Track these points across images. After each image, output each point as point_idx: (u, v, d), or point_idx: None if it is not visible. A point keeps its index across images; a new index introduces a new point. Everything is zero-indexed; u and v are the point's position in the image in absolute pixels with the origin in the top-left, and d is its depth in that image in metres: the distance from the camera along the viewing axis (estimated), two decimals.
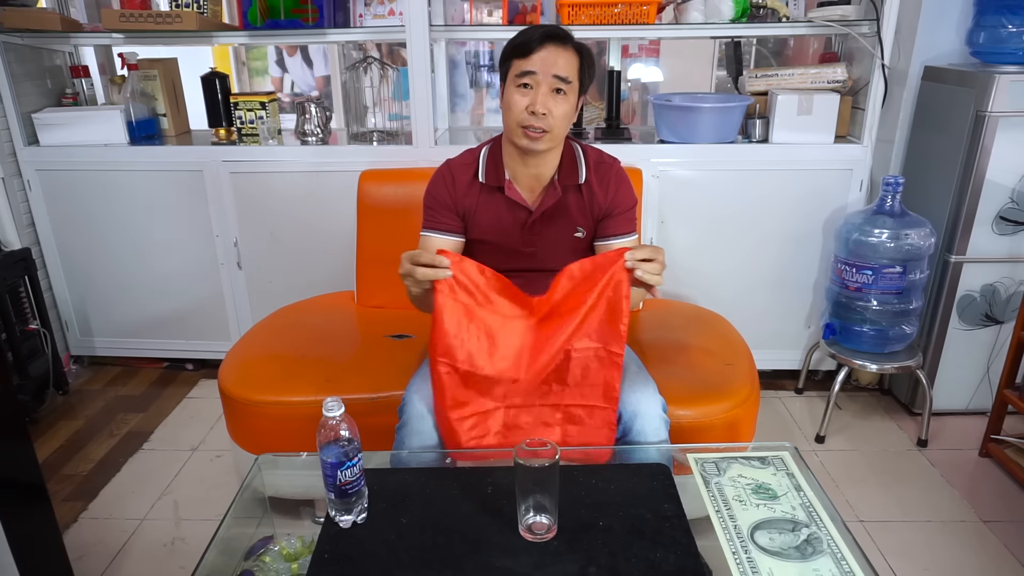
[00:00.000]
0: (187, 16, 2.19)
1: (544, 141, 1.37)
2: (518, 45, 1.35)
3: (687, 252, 2.32)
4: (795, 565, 1.03)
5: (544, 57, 1.32)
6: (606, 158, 1.51)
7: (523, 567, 1.02)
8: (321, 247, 2.39)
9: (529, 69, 1.33)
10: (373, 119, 2.41)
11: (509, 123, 1.38)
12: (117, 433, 2.26)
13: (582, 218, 1.48)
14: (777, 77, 2.28)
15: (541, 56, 1.32)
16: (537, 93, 1.33)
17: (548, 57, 1.32)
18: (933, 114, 2.14)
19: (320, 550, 1.06)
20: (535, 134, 1.35)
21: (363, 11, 2.32)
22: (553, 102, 1.34)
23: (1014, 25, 1.95)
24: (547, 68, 1.32)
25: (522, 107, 1.34)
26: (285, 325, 2.02)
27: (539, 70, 1.32)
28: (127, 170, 2.37)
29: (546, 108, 1.33)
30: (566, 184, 1.46)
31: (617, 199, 1.48)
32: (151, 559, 1.72)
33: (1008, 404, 2.00)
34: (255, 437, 1.70)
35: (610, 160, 1.51)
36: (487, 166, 1.47)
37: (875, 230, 2.04)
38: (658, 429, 1.36)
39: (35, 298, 2.39)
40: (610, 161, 1.51)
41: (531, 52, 1.33)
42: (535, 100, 1.33)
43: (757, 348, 1.86)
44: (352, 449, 1.06)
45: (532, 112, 1.33)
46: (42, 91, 2.47)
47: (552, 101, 1.34)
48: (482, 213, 1.48)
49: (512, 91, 1.36)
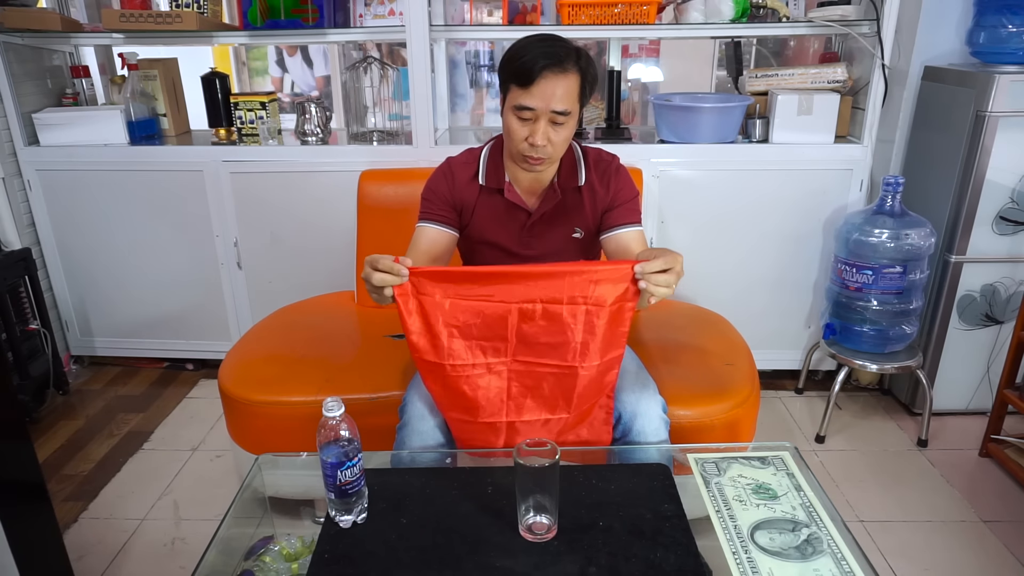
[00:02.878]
0: (187, 16, 2.19)
1: (544, 165, 1.38)
2: (517, 72, 1.29)
3: (687, 252, 2.25)
4: (795, 565, 1.03)
5: (543, 90, 1.28)
6: (604, 155, 1.51)
7: (523, 567, 1.02)
8: (321, 247, 2.39)
9: (528, 104, 1.29)
10: (373, 119, 2.41)
11: (510, 148, 1.38)
12: (117, 433, 2.26)
13: (581, 219, 1.49)
14: (777, 77, 2.28)
15: (540, 89, 1.28)
16: (537, 126, 1.31)
17: (547, 90, 1.28)
18: (933, 114, 2.14)
19: (320, 550, 1.06)
20: (535, 161, 1.35)
21: (363, 11, 2.32)
22: (553, 132, 1.32)
23: (1014, 25, 1.95)
24: (546, 103, 1.29)
25: (522, 137, 1.33)
26: (285, 325, 2.02)
27: (538, 106, 1.29)
28: (127, 170, 2.37)
29: (546, 139, 1.32)
30: (566, 187, 1.46)
31: (618, 191, 1.48)
32: (151, 559, 1.72)
33: (1008, 404, 2.00)
34: (255, 437, 1.70)
35: (608, 156, 1.51)
36: (487, 168, 1.47)
37: (875, 230, 2.04)
38: (658, 429, 1.36)
39: (35, 298, 2.39)
40: (608, 158, 1.51)
41: (531, 83, 1.28)
42: (535, 133, 1.31)
43: (757, 348, 1.86)
44: (352, 449, 1.06)
45: (532, 144, 1.32)
46: (42, 91, 2.47)
47: (552, 131, 1.32)
48: (481, 213, 1.48)
49: (511, 117, 1.33)
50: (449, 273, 1.21)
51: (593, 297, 1.19)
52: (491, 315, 1.22)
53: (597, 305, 1.19)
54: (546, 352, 1.23)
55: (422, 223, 1.49)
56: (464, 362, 1.25)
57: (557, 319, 1.20)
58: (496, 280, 1.21)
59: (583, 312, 1.20)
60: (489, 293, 1.21)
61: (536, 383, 1.27)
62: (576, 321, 1.20)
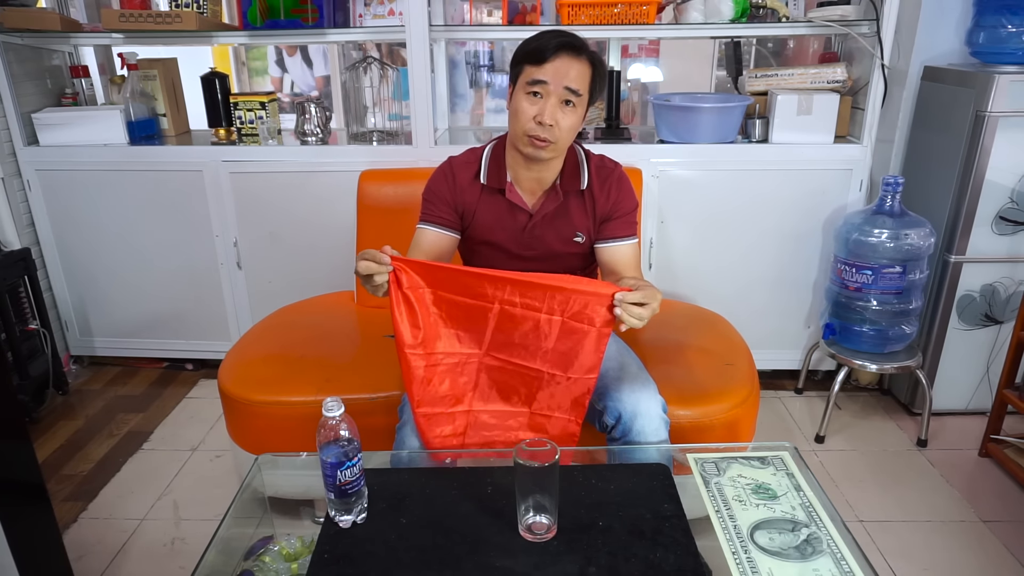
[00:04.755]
0: (187, 16, 2.19)
1: (549, 150, 1.37)
2: (532, 51, 1.33)
3: (687, 252, 2.33)
4: (795, 565, 1.03)
5: (557, 67, 1.31)
6: (607, 162, 1.51)
7: (523, 567, 1.02)
8: (321, 247, 2.39)
9: (541, 78, 1.31)
10: (373, 119, 2.41)
11: (515, 129, 1.38)
12: (117, 433, 2.26)
13: (583, 223, 1.48)
14: (777, 77, 2.28)
15: (554, 66, 1.31)
16: (546, 103, 1.32)
17: (561, 67, 1.31)
18: (933, 114, 2.14)
19: (320, 550, 1.06)
20: (540, 143, 1.35)
21: (363, 11, 2.32)
22: (561, 114, 1.33)
23: (1014, 25, 1.95)
24: (559, 79, 1.31)
25: (530, 116, 1.33)
26: (285, 325, 2.02)
27: (551, 80, 1.31)
28: (127, 170, 2.37)
29: (554, 119, 1.32)
30: (568, 189, 1.46)
31: (618, 202, 1.48)
32: (151, 559, 1.72)
33: (1008, 404, 2.00)
34: (255, 437, 1.70)
35: (611, 164, 1.51)
36: (489, 167, 1.47)
37: (875, 230, 2.04)
38: (658, 429, 1.36)
39: (35, 298, 2.39)
40: (611, 165, 1.51)
41: (545, 60, 1.31)
42: (543, 110, 1.32)
43: (757, 348, 1.86)
44: (352, 449, 1.06)
45: (539, 122, 1.32)
46: (42, 91, 2.47)
47: (560, 112, 1.33)
48: (482, 213, 1.48)
49: (521, 97, 1.35)
50: (431, 267, 1.25)
51: (571, 311, 1.23)
52: (473, 308, 1.26)
53: (574, 320, 1.23)
54: (518, 352, 1.29)
55: (423, 225, 1.49)
56: (442, 350, 1.29)
57: (534, 324, 1.25)
58: (480, 281, 1.24)
59: (559, 323, 1.24)
60: (471, 289, 1.25)
61: (504, 379, 1.32)
62: (551, 329, 1.25)
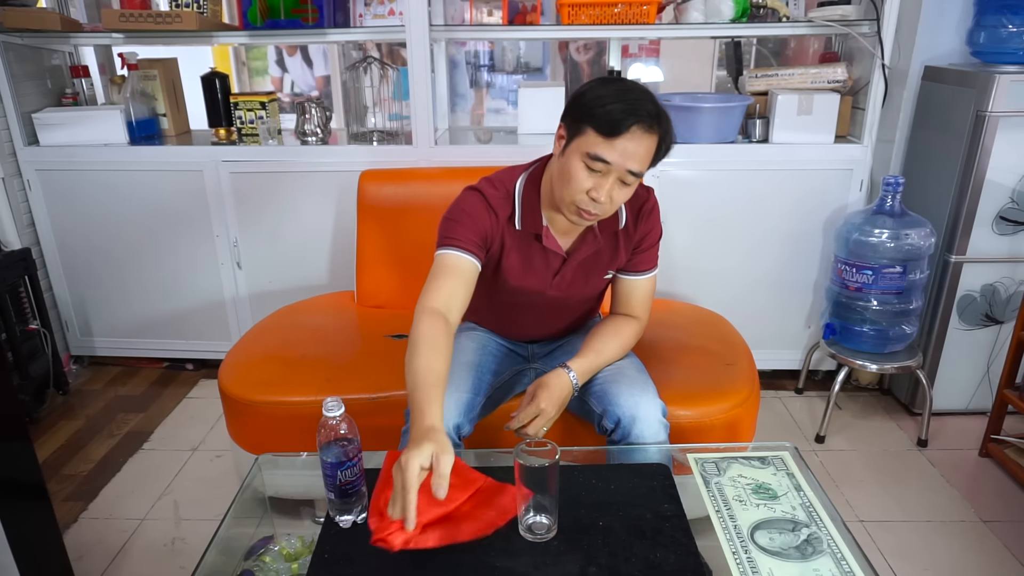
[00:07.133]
0: (187, 16, 2.19)
1: (595, 219, 1.31)
2: (602, 118, 1.20)
3: (687, 252, 2.33)
4: (795, 565, 1.03)
5: (626, 147, 1.20)
6: (640, 191, 1.44)
7: (523, 567, 1.02)
8: (321, 247, 2.40)
9: (605, 157, 1.20)
10: (373, 119, 2.41)
11: (562, 194, 1.28)
12: (117, 433, 2.26)
13: (615, 261, 1.45)
14: (777, 77, 2.28)
15: (624, 144, 1.20)
16: (604, 181, 1.23)
17: (630, 147, 1.20)
18: (933, 114, 2.14)
19: (320, 550, 1.06)
20: (588, 216, 1.28)
21: (363, 11, 2.31)
22: (618, 191, 1.25)
23: (1014, 25, 1.95)
24: (624, 161, 1.21)
25: (583, 188, 1.24)
26: (285, 325, 2.02)
27: (615, 161, 1.21)
28: (127, 170, 2.37)
29: (609, 197, 1.24)
30: (606, 230, 1.41)
31: (647, 233, 1.45)
32: (151, 559, 1.72)
33: (1008, 404, 2.00)
34: (255, 437, 1.70)
35: (644, 192, 1.45)
36: (523, 212, 1.38)
37: (875, 230, 2.04)
38: (657, 433, 1.35)
39: (35, 298, 2.39)
40: (644, 194, 1.45)
41: (615, 136, 1.19)
42: (600, 187, 1.23)
43: (757, 348, 1.86)
44: (352, 449, 1.06)
45: (593, 198, 1.24)
46: (42, 91, 2.47)
47: (617, 190, 1.25)
48: (513, 256, 1.41)
49: (576, 163, 1.24)
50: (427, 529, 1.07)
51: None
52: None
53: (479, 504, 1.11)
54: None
55: (448, 250, 1.33)
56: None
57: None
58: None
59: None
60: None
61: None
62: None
